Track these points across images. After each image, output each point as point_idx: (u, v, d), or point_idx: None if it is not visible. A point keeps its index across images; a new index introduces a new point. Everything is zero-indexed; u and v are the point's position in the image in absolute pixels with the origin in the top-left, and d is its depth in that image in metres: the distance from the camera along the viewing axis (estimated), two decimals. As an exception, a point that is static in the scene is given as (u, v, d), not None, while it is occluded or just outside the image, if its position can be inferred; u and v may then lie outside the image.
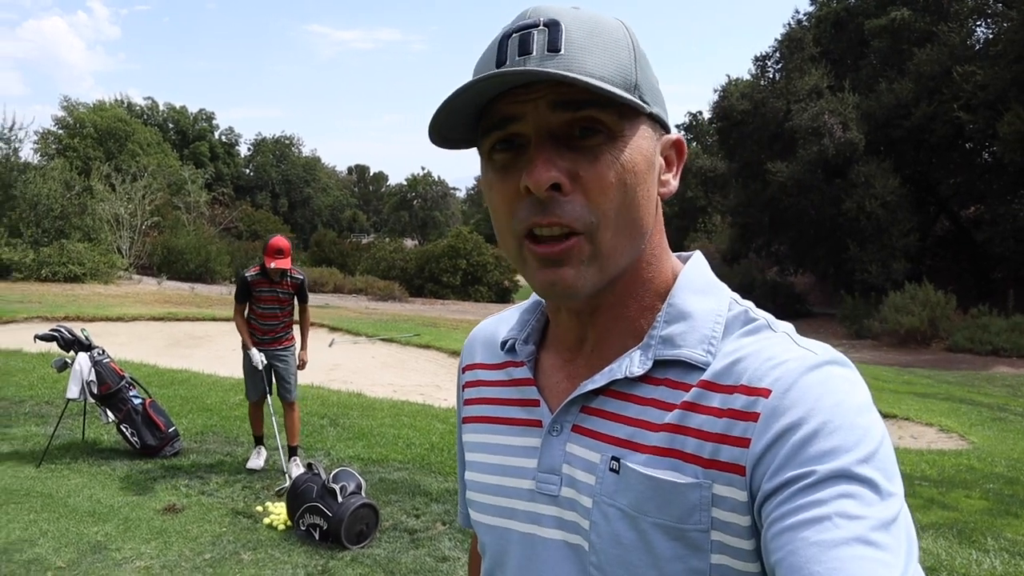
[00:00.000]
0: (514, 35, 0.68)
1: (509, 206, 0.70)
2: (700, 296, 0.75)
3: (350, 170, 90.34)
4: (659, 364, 0.72)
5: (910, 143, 23.96)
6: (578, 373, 0.77)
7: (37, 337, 5.83)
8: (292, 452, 5.61)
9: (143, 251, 27.09)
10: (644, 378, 0.72)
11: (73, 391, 5.61)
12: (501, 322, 0.91)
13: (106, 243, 24.24)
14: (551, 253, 0.68)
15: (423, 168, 76.03)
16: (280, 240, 5.42)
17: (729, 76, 29.25)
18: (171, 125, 61.11)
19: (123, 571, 3.89)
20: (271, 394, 5.62)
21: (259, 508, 4.80)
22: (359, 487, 4.49)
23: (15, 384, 8.05)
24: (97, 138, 45.63)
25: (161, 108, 61.62)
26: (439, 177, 73.33)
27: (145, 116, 59.15)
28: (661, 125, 0.74)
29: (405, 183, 73.51)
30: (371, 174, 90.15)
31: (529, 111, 0.67)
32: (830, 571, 0.54)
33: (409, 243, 51.17)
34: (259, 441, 5.74)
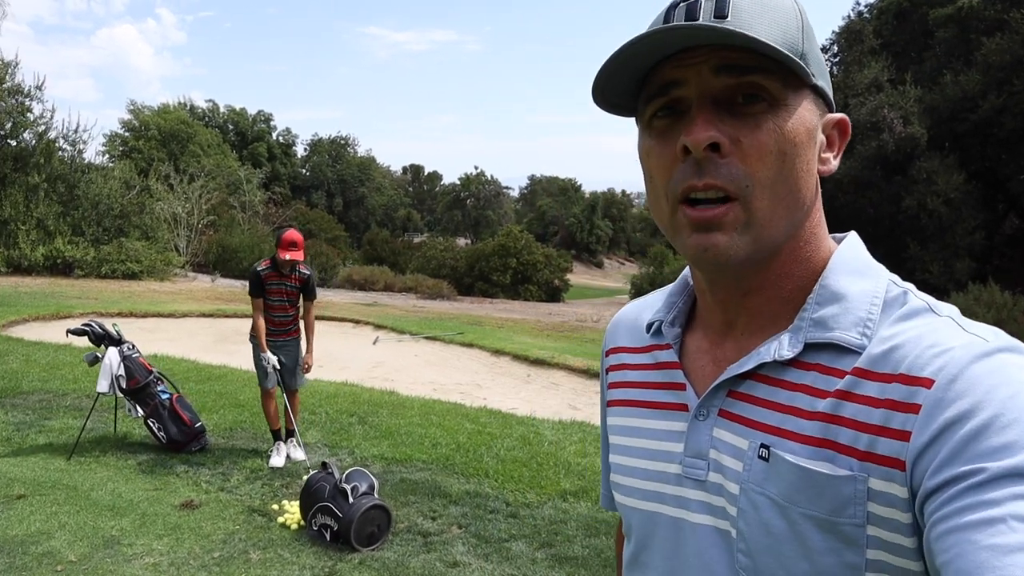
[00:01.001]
0: (681, 4, 0.68)
1: (667, 171, 0.69)
2: (856, 277, 0.71)
3: (404, 170, 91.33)
4: (810, 348, 0.69)
5: (977, 137, 22.94)
6: (725, 356, 0.76)
7: (69, 331, 5.92)
8: (289, 434, 5.79)
9: (199, 249, 27.73)
10: (794, 362, 0.70)
11: (103, 385, 5.68)
12: (645, 306, 0.90)
13: (163, 241, 24.85)
14: (705, 218, 0.67)
15: (476, 167, 76.21)
16: (294, 233, 5.57)
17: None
18: (231, 126, 62.66)
19: (132, 567, 3.88)
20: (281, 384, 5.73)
21: (275, 506, 4.76)
22: (372, 488, 4.41)
23: (61, 377, 8.23)
24: (161, 140, 47.05)
25: (222, 110, 63.25)
26: (492, 176, 73.54)
27: (206, 118, 60.77)
28: (825, 102, 0.72)
29: (458, 182, 73.91)
30: (425, 173, 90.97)
31: (692, 75, 0.67)
32: None
33: (461, 242, 51.43)
34: (277, 436, 5.75)
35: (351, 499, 4.21)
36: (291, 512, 4.59)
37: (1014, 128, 21.86)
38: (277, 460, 5.62)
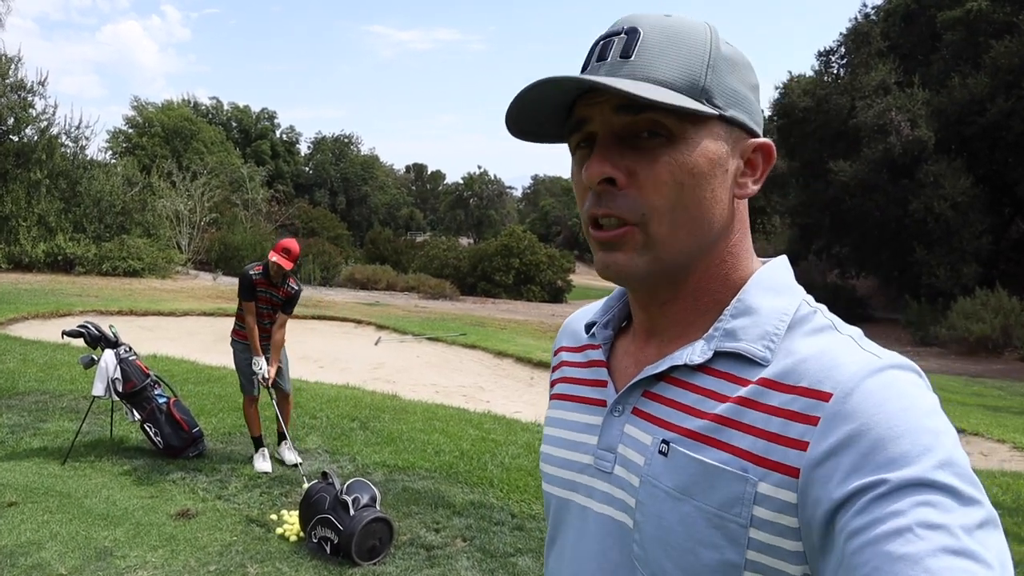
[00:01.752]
0: (600, 42, 0.75)
1: (581, 197, 0.77)
2: (770, 294, 0.76)
3: (408, 168, 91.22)
4: (720, 356, 0.74)
5: (984, 141, 22.76)
6: (646, 359, 0.80)
7: (64, 333, 5.79)
8: (281, 437, 5.74)
9: (201, 247, 27.59)
10: (704, 368, 0.74)
11: (98, 388, 5.54)
12: (590, 310, 0.95)
13: (165, 239, 24.72)
14: (606, 238, 0.74)
15: (479, 167, 76.23)
16: (292, 242, 5.51)
17: (791, 72, 28.26)
18: (234, 124, 62.62)
19: (124, 581, 3.74)
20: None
21: (273, 516, 4.62)
22: (373, 499, 4.27)
23: (58, 378, 8.11)
24: (164, 137, 47.01)
25: (225, 108, 63.23)
26: (495, 176, 73.38)
27: (210, 115, 60.76)
28: (743, 127, 0.75)
29: (461, 182, 73.69)
30: (428, 173, 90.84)
31: (596, 114, 0.73)
32: None
33: (464, 241, 51.28)
34: (259, 443, 5.66)
35: (352, 511, 4.07)
36: (290, 523, 4.45)
37: (1022, 132, 21.68)
38: (265, 464, 5.52)
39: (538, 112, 0.75)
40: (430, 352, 13.91)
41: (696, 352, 0.74)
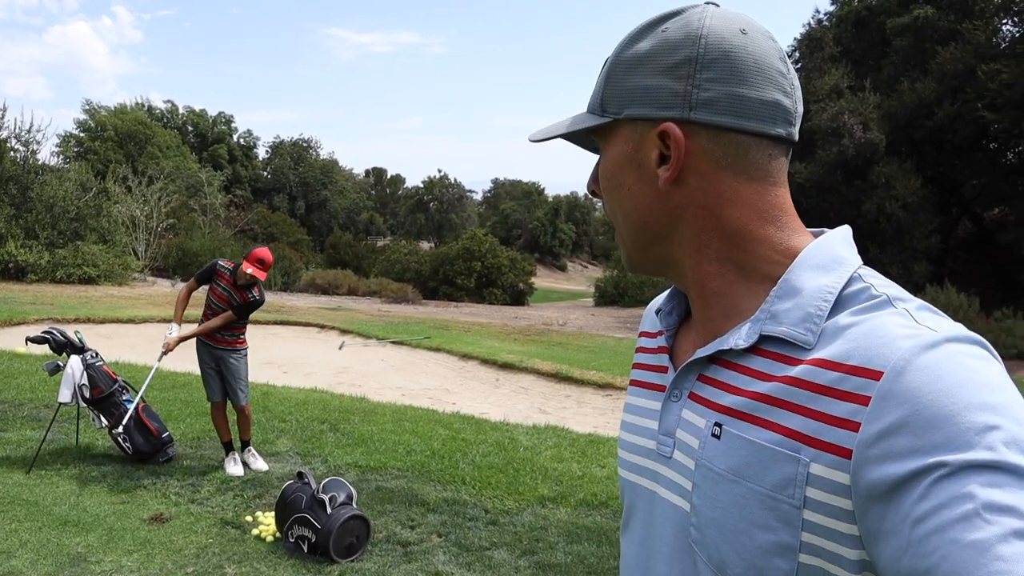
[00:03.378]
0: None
1: None
2: (816, 272, 0.73)
3: (367, 173, 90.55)
4: (767, 339, 0.72)
5: (932, 143, 23.47)
6: (701, 344, 0.80)
7: (28, 339, 5.70)
8: (245, 444, 5.72)
9: (158, 253, 27.12)
10: (754, 350, 0.73)
11: (65, 395, 5.48)
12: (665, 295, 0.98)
13: (121, 245, 24.25)
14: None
15: (439, 170, 75.79)
16: (266, 252, 5.50)
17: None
18: (190, 128, 61.56)
19: (100, 585, 3.73)
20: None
21: (248, 518, 4.63)
22: (350, 497, 4.30)
23: (16, 387, 7.94)
24: (117, 141, 46.00)
25: (181, 111, 62.10)
26: (455, 180, 73.13)
27: (165, 119, 59.64)
28: (648, 119, 0.75)
29: (422, 185, 73.36)
30: (388, 177, 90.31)
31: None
32: (994, 574, 0.50)
33: (425, 245, 51.10)
34: (229, 447, 5.65)
35: (329, 509, 4.10)
36: (266, 524, 4.46)
37: (967, 135, 22.41)
38: (236, 468, 5.52)
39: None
40: (394, 355, 13.90)
41: (742, 336, 0.74)
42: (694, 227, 0.77)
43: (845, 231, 0.78)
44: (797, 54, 27.38)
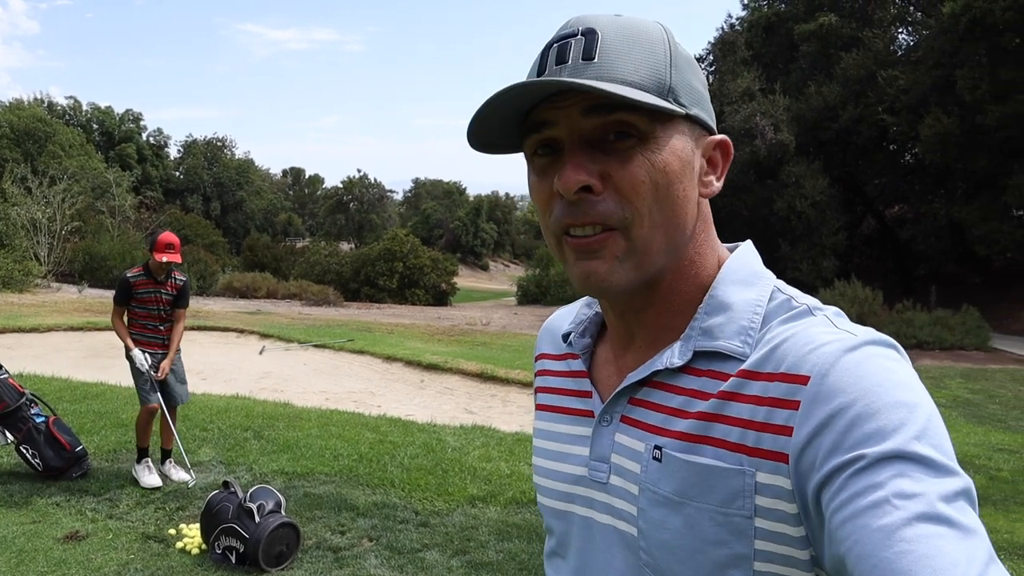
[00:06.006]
0: (554, 45, 0.71)
1: (547, 205, 0.73)
2: (741, 287, 0.76)
3: (285, 173, 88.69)
4: (700, 355, 0.73)
5: (838, 144, 24.57)
6: (627, 366, 0.80)
7: (-75, 352, 5.37)
8: (166, 455, 5.51)
9: (63, 258, 25.85)
10: (686, 369, 0.74)
11: (-34, 410, 5.18)
12: (568, 313, 0.94)
13: (21, 249, 23.03)
14: (585, 244, 0.71)
15: (359, 170, 74.78)
16: (170, 235, 5.30)
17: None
18: (95, 126, 59.04)
19: (13, 608, 3.56)
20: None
21: (172, 531, 4.49)
22: (279, 505, 4.23)
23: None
24: (14, 139, 43.70)
25: (85, 108, 59.50)
26: (375, 179, 72.20)
27: (67, 116, 57.05)
28: (703, 126, 0.75)
29: (341, 186, 72.17)
30: (306, 177, 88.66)
31: (562, 117, 0.70)
32: (899, 555, 0.53)
33: (345, 246, 50.29)
34: (146, 453, 5.40)
35: (258, 518, 4.02)
36: (190, 536, 4.34)
37: (869, 137, 23.58)
38: (152, 479, 5.27)
39: (498, 121, 0.73)
40: (317, 359, 13.67)
41: (675, 355, 0.74)
42: (696, 240, 0.77)
43: (752, 246, 0.82)
44: (711, 57, 28.23)
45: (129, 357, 5.29)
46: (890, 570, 0.53)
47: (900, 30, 26.25)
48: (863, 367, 0.63)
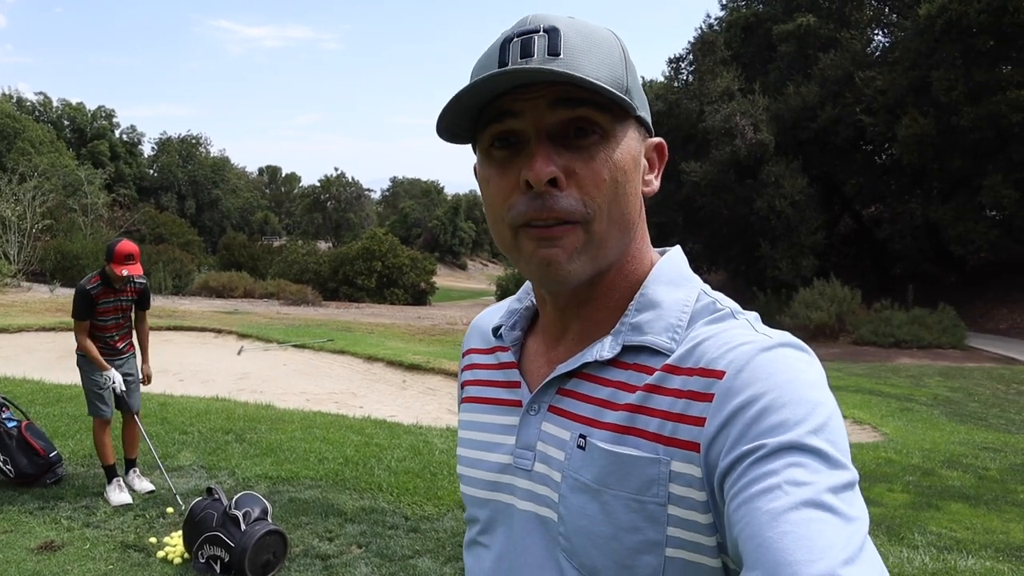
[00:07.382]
0: (516, 39, 0.72)
1: (506, 199, 0.74)
2: (670, 287, 0.79)
3: (261, 171, 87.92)
4: (628, 350, 0.76)
5: (816, 144, 24.73)
6: (558, 359, 0.82)
7: None
8: (131, 465, 5.23)
9: (34, 256, 25.33)
10: (614, 362, 0.77)
11: (-65, 414, 4.98)
12: (496, 311, 0.96)
13: (-9, 248, 22.56)
14: (549, 232, 0.72)
15: (336, 169, 74.48)
16: (129, 244, 4.96)
17: (644, 77, 29.53)
18: (67, 123, 58.15)
19: (-14, 623, 3.39)
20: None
21: (152, 540, 4.32)
22: (265, 512, 4.08)
23: None
24: (-18, 135, 42.79)
25: (55, 104, 58.59)
26: (353, 178, 71.72)
27: (37, 112, 56.10)
28: (646, 128, 0.79)
29: (318, 184, 71.55)
30: (283, 175, 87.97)
31: (528, 108, 0.71)
32: (781, 535, 0.56)
33: (323, 245, 49.89)
34: (113, 472, 5.08)
35: (243, 526, 3.87)
36: (172, 545, 4.18)
37: (847, 137, 23.76)
38: (122, 496, 4.95)
39: (462, 112, 0.73)
40: (297, 359, 13.48)
41: (605, 348, 0.77)
42: (639, 236, 0.81)
43: (681, 251, 0.86)
44: (691, 57, 28.29)
45: (85, 371, 5.04)
46: (771, 548, 0.56)
47: (877, 31, 26.52)
48: (775, 365, 0.67)
